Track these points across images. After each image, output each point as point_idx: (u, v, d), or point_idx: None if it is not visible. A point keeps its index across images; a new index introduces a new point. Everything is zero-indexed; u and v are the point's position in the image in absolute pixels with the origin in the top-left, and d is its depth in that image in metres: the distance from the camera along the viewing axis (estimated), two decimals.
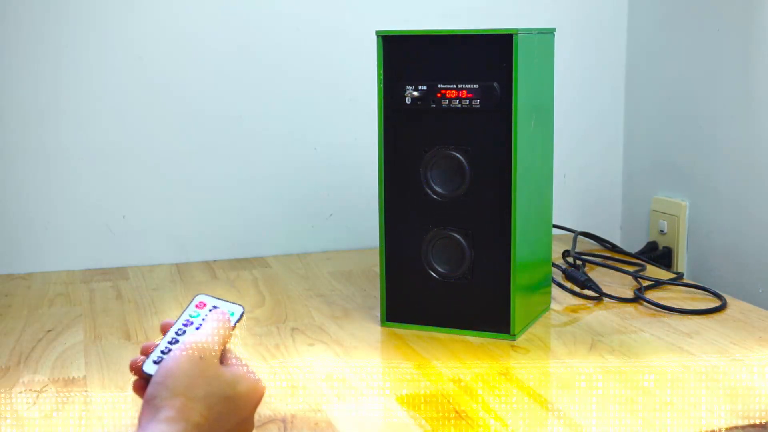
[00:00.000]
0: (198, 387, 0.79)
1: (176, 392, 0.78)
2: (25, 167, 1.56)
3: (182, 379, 0.79)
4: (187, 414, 0.77)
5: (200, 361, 0.81)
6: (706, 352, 1.15)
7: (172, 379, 0.79)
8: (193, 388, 0.79)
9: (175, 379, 0.79)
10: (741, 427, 0.93)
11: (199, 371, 0.80)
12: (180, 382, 0.79)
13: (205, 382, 0.80)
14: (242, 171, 1.65)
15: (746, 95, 1.49)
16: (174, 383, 0.79)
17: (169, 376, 0.79)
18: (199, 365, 0.80)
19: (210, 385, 0.80)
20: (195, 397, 0.79)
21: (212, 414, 0.79)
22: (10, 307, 1.37)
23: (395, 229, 1.24)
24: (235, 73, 1.63)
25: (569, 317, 1.30)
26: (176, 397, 0.78)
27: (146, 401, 0.79)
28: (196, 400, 0.78)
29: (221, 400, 0.80)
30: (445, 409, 0.98)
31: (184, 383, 0.79)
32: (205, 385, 0.80)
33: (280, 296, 1.41)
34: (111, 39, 1.57)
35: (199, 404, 0.78)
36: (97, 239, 1.60)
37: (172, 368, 0.80)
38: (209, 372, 0.81)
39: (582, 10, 1.78)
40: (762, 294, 1.47)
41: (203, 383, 0.80)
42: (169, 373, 0.80)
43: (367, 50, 1.50)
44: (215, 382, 0.81)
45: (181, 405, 0.78)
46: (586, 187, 1.83)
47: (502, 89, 1.16)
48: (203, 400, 0.79)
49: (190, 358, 0.81)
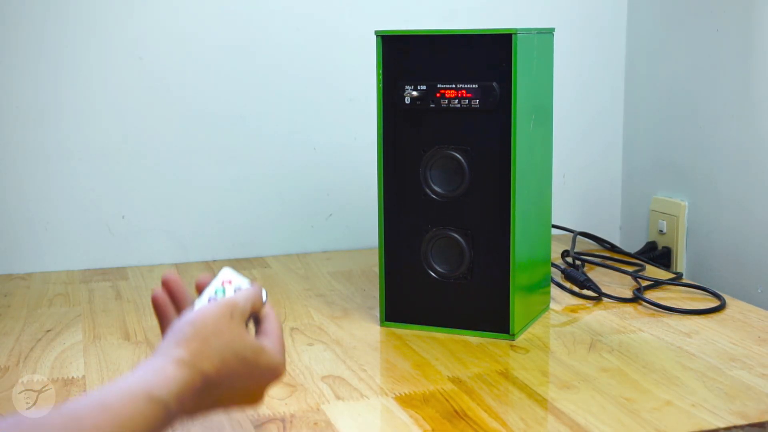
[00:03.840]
0: (220, 338, 0.79)
1: (197, 335, 0.78)
2: (25, 167, 1.56)
3: (208, 327, 0.79)
4: (200, 361, 0.77)
5: (230, 318, 0.81)
6: (706, 352, 1.15)
7: (200, 321, 0.79)
8: (215, 337, 0.79)
9: (202, 323, 0.79)
10: (741, 427, 0.94)
11: (225, 325, 0.80)
12: (205, 329, 0.79)
13: (229, 337, 0.80)
14: (242, 171, 1.65)
15: (746, 95, 1.49)
16: (199, 325, 0.79)
17: (198, 319, 0.80)
18: (228, 321, 0.81)
19: (233, 341, 0.80)
20: (213, 347, 0.78)
21: (225, 369, 0.79)
22: (9, 307, 1.37)
23: (395, 229, 1.24)
24: (235, 73, 1.63)
25: (568, 317, 1.30)
26: (196, 339, 0.78)
27: (169, 332, 0.79)
28: (213, 349, 0.78)
29: (238, 361, 0.80)
30: (445, 409, 0.98)
31: (208, 330, 0.79)
32: (228, 339, 0.80)
33: (280, 296, 1.41)
34: (111, 39, 1.57)
35: (215, 355, 0.78)
36: (97, 239, 1.60)
37: (203, 315, 0.80)
38: (235, 330, 0.80)
39: (581, 10, 1.78)
40: (761, 294, 1.47)
41: (227, 337, 0.79)
42: (199, 316, 0.80)
43: (366, 50, 1.50)
44: (239, 341, 0.80)
45: (197, 350, 0.77)
46: (585, 187, 1.83)
47: (501, 89, 1.16)
48: (220, 353, 0.79)
49: (222, 312, 0.81)
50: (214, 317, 0.80)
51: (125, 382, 0.73)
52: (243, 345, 0.81)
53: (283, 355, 0.85)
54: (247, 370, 0.81)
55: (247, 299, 0.85)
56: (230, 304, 0.82)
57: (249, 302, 0.85)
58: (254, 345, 0.82)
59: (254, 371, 0.82)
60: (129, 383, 0.72)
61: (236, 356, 0.80)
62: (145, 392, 0.72)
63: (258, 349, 0.82)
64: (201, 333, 0.79)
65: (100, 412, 0.68)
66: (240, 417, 0.96)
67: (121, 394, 0.71)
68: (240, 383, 0.81)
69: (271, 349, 0.83)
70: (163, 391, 0.73)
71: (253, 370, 0.82)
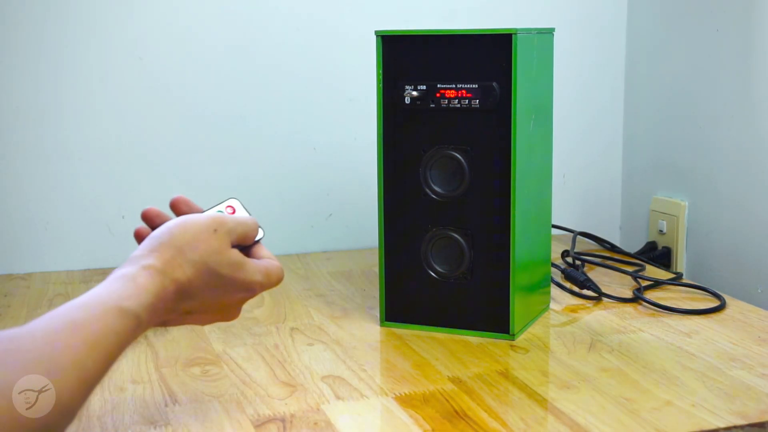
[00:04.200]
0: (196, 250, 0.78)
1: (172, 243, 0.77)
2: (25, 167, 1.56)
3: (186, 237, 0.78)
4: (172, 269, 0.76)
5: (213, 233, 0.79)
6: (706, 352, 1.15)
7: (178, 231, 0.78)
8: (191, 248, 0.78)
9: (180, 232, 0.78)
10: (741, 427, 0.94)
11: (205, 238, 0.79)
12: (182, 238, 0.78)
13: (206, 250, 0.78)
14: (242, 171, 1.65)
15: (746, 95, 1.49)
16: (178, 235, 0.78)
17: (178, 226, 0.79)
18: (210, 235, 0.79)
19: (209, 254, 0.78)
20: (188, 258, 0.77)
21: (197, 281, 0.77)
22: (9, 307, 1.37)
23: (394, 229, 1.24)
24: (235, 73, 1.63)
25: (568, 317, 1.30)
26: (172, 248, 0.77)
27: (149, 238, 0.78)
28: (187, 260, 0.77)
29: (212, 274, 0.78)
30: (445, 409, 0.98)
31: (185, 240, 0.78)
32: (204, 252, 0.78)
33: (280, 296, 1.41)
34: (111, 39, 1.57)
35: (189, 266, 0.77)
36: (97, 239, 1.60)
37: (184, 223, 0.79)
38: (214, 244, 0.79)
39: (581, 10, 1.78)
40: (761, 294, 1.47)
41: (203, 250, 0.78)
42: (180, 225, 0.79)
43: (366, 50, 1.50)
44: (216, 255, 0.79)
45: (170, 258, 0.76)
46: (585, 187, 1.83)
47: (501, 89, 1.16)
48: (195, 264, 0.77)
49: (205, 225, 0.80)
50: (194, 228, 0.79)
51: (95, 293, 0.71)
52: (220, 259, 0.79)
53: (266, 275, 0.83)
54: (222, 284, 0.79)
55: (238, 222, 0.82)
56: (217, 219, 0.81)
57: (240, 225, 0.82)
58: (233, 260, 0.80)
59: (229, 287, 0.80)
60: (100, 295, 0.71)
61: (210, 269, 0.78)
62: (116, 305, 0.71)
63: (237, 264, 0.80)
64: (176, 241, 0.77)
65: (71, 331, 0.67)
66: (240, 417, 0.96)
67: (92, 308, 0.70)
68: (214, 296, 0.79)
69: (252, 266, 0.82)
70: (133, 303, 0.72)
71: (227, 285, 0.80)
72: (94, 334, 0.68)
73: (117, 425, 0.95)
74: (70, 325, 0.68)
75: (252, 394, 1.02)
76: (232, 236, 0.81)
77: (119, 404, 1.00)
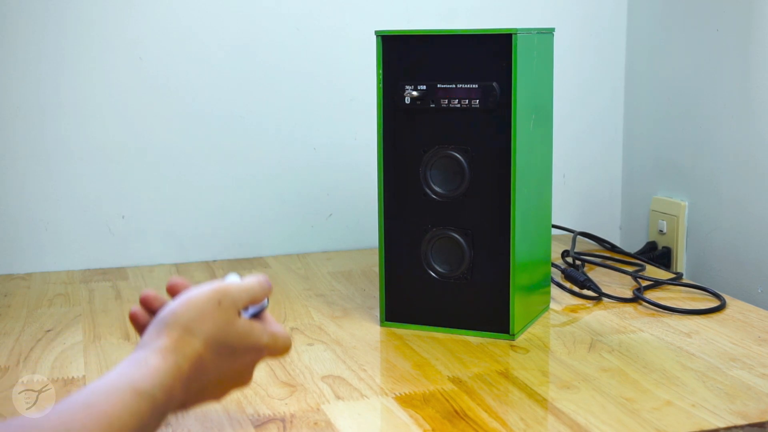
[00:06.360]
0: (204, 325, 0.78)
1: (181, 323, 0.77)
2: (26, 167, 1.56)
3: (192, 313, 0.78)
4: (183, 348, 0.76)
5: (218, 305, 0.79)
6: (706, 352, 1.15)
7: (183, 309, 0.78)
8: (199, 325, 0.78)
9: (186, 310, 0.78)
10: (741, 427, 0.94)
11: (210, 311, 0.79)
12: (188, 315, 0.78)
13: (213, 324, 0.78)
14: (242, 171, 1.65)
15: (746, 95, 1.49)
16: (183, 313, 0.78)
17: (181, 305, 0.78)
18: (215, 308, 0.79)
19: (217, 328, 0.79)
20: (196, 333, 0.77)
21: (209, 354, 0.78)
22: (9, 307, 1.37)
23: (395, 229, 1.24)
24: (235, 73, 1.63)
25: (568, 317, 1.30)
26: (179, 327, 0.77)
27: (153, 322, 0.78)
28: (196, 336, 0.77)
29: (224, 347, 0.79)
30: (445, 409, 0.98)
31: (191, 317, 0.78)
32: (212, 326, 0.78)
33: (280, 296, 1.41)
34: (111, 39, 1.57)
35: (199, 342, 0.77)
36: (97, 239, 1.60)
37: (188, 300, 0.79)
38: (221, 317, 0.79)
39: (581, 10, 1.78)
40: (761, 294, 1.47)
41: (211, 324, 0.78)
42: (183, 303, 0.79)
43: (366, 50, 1.50)
44: (225, 327, 0.79)
45: (179, 337, 0.76)
46: (585, 187, 1.83)
47: (501, 89, 1.16)
48: (205, 340, 0.77)
49: (209, 299, 0.79)
50: (198, 303, 0.79)
51: (109, 378, 0.72)
52: (229, 330, 0.79)
53: (273, 338, 0.83)
54: (233, 353, 0.80)
55: (242, 289, 0.82)
56: (220, 290, 0.80)
57: (245, 292, 0.82)
58: (241, 330, 0.80)
59: (239, 353, 0.80)
60: (113, 379, 0.71)
61: (221, 342, 0.78)
62: (130, 386, 0.71)
63: (245, 332, 0.80)
64: (182, 320, 0.77)
65: (86, 413, 0.68)
66: (240, 417, 0.96)
67: (106, 391, 0.70)
68: (226, 366, 0.79)
69: (259, 329, 0.82)
70: (147, 383, 0.72)
71: (238, 353, 0.80)
72: (109, 415, 0.68)
73: None
74: (85, 408, 0.68)
75: (252, 394, 1.02)
76: (238, 305, 0.81)
77: None
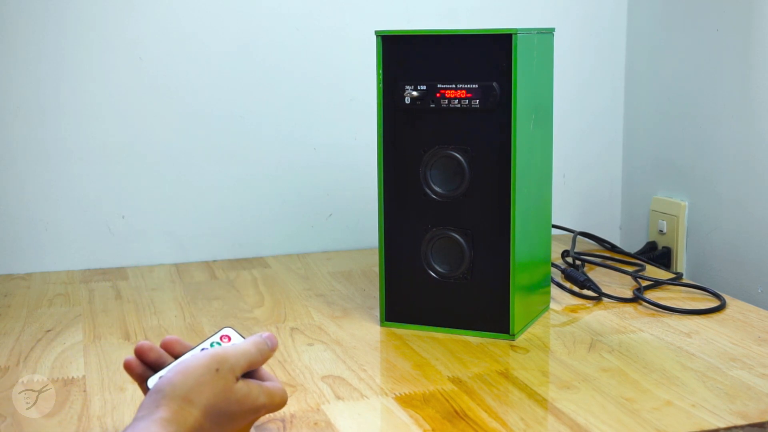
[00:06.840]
0: (202, 394, 0.79)
1: (179, 394, 0.78)
2: (26, 167, 1.56)
3: (189, 383, 0.79)
4: (183, 417, 0.77)
5: (215, 373, 0.80)
6: (706, 352, 1.15)
7: (180, 379, 0.79)
8: (197, 394, 0.79)
9: (183, 380, 0.79)
10: (741, 427, 0.94)
11: (209, 380, 0.80)
12: (186, 385, 0.79)
13: (212, 392, 0.80)
14: (242, 171, 1.65)
15: (746, 95, 1.49)
16: (181, 384, 0.79)
17: (179, 374, 0.79)
18: (213, 376, 0.80)
19: (216, 396, 0.80)
20: (195, 403, 0.78)
21: (208, 422, 0.79)
22: (9, 307, 1.37)
23: (395, 229, 1.24)
24: (235, 73, 1.63)
25: (568, 317, 1.30)
26: (178, 398, 0.78)
27: (151, 392, 0.79)
28: (195, 406, 0.78)
29: (223, 413, 0.80)
30: (445, 409, 0.98)
31: (189, 386, 0.79)
32: (211, 395, 0.79)
33: (280, 296, 1.41)
34: (111, 39, 1.57)
35: (198, 411, 0.78)
36: (97, 239, 1.60)
37: (185, 369, 0.80)
38: (219, 385, 0.80)
39: (581, 10, 1.78)
40: (761, 294, 1.47)
41: (209, 393, 0.79)
42: (180, 372, 0.79)
43: (367, 50, 1.50)
44: (223, 394, 0.80)
45: (179, 408, 0.77)
46: (585, 187, 1.83)
47: (501, 89, 1.16)
48: (204, 409, 0.79)
49: (207, 367, 0.80)
50: (195, 372, 0.80)
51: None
52: (227, 396, 0.80)
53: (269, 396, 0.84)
54: (232, 418, 0.81)
55: (240, 355, 0.83)
56: (217, 357, 0.81)
57: (242, 358, 0.83)
58: (240, 395, 0.81)
59: (238, 417, 0.82)
60: None
61: (219, 410, 0.80)
62: None
63: (243, 397, 0.81)
64: (180, 391, 0.78)
65: None
66: None
67: None
68: (226, 430, 0.81)
69: (256, 390, 0.83)
70: None
71: (236, 416, 0.81)
72: None
73: (117, 425, 0.95)
74: None
75: None
76: (236, 371, 0.82)
77: (119, 404, 1.00)
